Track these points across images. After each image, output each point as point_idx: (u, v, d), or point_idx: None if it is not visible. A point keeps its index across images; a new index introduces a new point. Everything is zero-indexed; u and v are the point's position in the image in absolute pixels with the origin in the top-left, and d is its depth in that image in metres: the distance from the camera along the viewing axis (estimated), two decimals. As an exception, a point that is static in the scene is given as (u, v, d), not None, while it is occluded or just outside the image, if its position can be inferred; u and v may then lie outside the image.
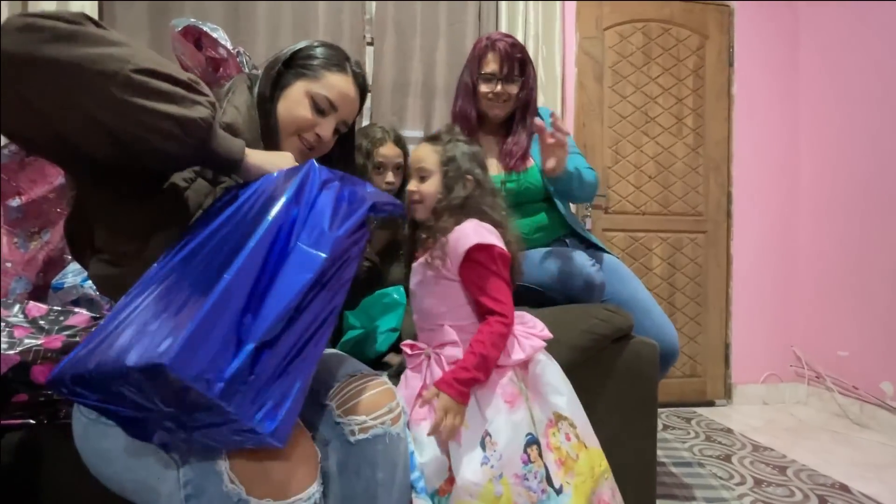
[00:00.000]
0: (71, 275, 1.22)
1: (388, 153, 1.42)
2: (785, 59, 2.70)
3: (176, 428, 0.59)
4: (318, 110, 0.88)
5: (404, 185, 1.27)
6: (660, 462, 1.79)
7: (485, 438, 0.83)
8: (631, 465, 1.01)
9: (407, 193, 1.02)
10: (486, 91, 1.42)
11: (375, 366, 1.05)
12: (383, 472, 0.73)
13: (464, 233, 0.91)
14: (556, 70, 2.39)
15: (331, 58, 0.90)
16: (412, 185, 1.01)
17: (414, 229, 1.03)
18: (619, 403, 1.17)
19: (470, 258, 0.89)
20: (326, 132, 0.89)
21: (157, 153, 0.65)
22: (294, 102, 0.87)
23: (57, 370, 0.59)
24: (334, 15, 2.28)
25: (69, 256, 1.26)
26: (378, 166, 1.41)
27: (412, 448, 0.82)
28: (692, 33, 2.60)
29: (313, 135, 0.89)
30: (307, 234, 0.64)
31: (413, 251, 1.03)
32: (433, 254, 0.92)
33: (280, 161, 0.76)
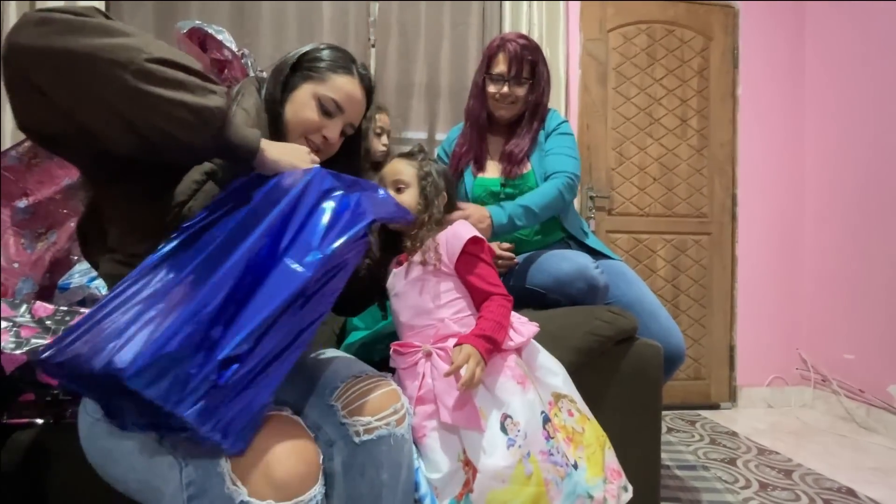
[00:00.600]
0: (77, 275, 1.23)
1: (386, 121, 1.86)
2: (790, 61, 2.69)
3: (147, 424, 0.62)
4: (325, 112, 0.88)
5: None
6: (664, 465, 1.78)
7: (504, 422, 0.84)
8: (635, 468, 1.01)
9: None
10: (493, 91, 1.43)
11: (380, 367, 1.05)
12: (388, 473, 0.74)
13: (456, 230, 0.98)
14: (560, 72, 2.38)
15: (337, 60, 0.91)
16: None
17: (391, 235, 1.06)
18: (623, 406, 1.17)
19: (466, 251, 0.95)
20: (333, 134, 0.90)
21: (175, 142, 0.66)
22: (301, 105, 0.88)
23: (44, 353, 0.61)
24: (339, 16, 2.29)
25: (75, 257, 1.27)
26: (378, 132, 1.77)
27: (418, 465, 0.82)
28: (696, 34, 2.59)
29: (320, 137, 0.89)
30: (296, 250, 0.65)
31: (392, 257, 1.05)
32: (427, 254, 0.95)
33: (296, 158, 0.77)
